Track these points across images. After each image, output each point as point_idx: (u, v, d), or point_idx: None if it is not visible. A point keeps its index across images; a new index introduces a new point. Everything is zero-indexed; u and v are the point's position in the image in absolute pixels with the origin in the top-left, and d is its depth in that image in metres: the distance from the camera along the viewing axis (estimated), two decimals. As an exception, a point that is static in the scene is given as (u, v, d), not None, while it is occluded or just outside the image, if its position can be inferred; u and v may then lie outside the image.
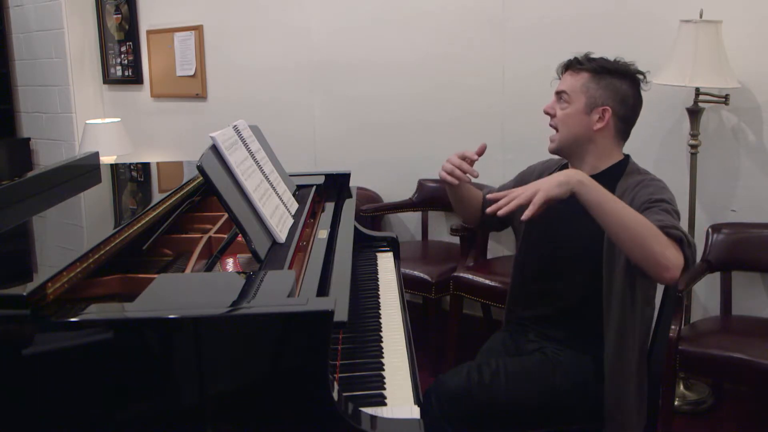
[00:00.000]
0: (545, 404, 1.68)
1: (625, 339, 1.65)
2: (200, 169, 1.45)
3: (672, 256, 1.48)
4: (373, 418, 1.20)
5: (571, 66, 1.75)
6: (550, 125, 1.78)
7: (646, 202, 1.60)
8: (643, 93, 1.75)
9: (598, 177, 1.66)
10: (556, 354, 1.74)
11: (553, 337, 1.77)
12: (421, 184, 3.51)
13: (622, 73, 1.71)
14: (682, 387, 2.69)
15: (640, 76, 1.74)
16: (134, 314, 1.14)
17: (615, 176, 1.71)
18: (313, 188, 2.12)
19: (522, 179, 1.94)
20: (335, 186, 2.26)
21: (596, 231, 1.58)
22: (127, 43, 4.53)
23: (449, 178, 1.79)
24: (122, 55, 4.57)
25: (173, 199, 1.82)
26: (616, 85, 1.70)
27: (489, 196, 1.65)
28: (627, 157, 1.78)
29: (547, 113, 1.78)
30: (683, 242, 1.50)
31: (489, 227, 2.18)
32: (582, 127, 1.71)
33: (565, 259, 1.76)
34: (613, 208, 1.50)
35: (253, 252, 1.44)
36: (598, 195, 1.50)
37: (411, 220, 3.64)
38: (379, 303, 1.84)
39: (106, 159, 3.92)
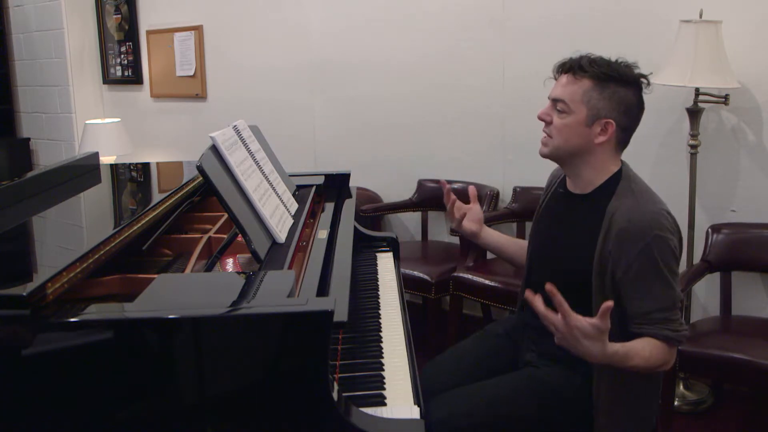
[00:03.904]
0: (531, 422, 1.64)
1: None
2: (200, 169, 1.45)
3: (669, 366, 1.55)
4: (373, 418, 1.20)
5: (572, 70, 1.58)
6: (545, 131, 1.64)
7: (638, 272, 1.51)
8: (644, 95, 1.69)
9: (593, 194, 1.63)
10: (545, 371, 1.68)
11: (546, 351, 1.69)
12: (421, 184, 3.51)
13: (626, 81, 1.56)
14: (682, 387, 2.69)
15: (644, 81, 1.59)
16: (134, 314, 1.14)
17: (608, 194, 1.59)
18: (313, 188, 2.12)
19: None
20: (335, 186, 2.26)
21: (587, 256, 1.57)
22: (127, 43, 4.52)
23: (472, 227, 1.85)
24: (122, 55, 4.57)
25: (173, 199, 1.82)
26: (620, 95, 1.56)
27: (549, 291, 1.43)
28: (620, 168, 1.64)
29: (541, 119, 1.63)
30: (684, 341, 1.55)
31: None
32: (581, 139, 1.58)
33: (559, 274, 1.66)
34: (628, 368, 1.48)
35: (253, 252, 1.43)
36: (615, 365, 1.48)
37: (411, 220, 3.64)
38: (379, 303, 1.84)
39: (106, 159, 3.92)
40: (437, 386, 1.70)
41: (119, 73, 4.62)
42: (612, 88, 1.56)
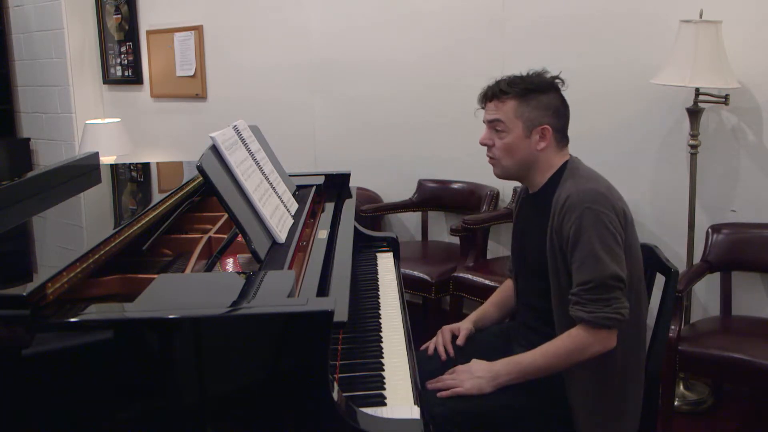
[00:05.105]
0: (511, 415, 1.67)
1: None
2: (200, 169, 1.45)
3: (598, 349, 1.57)
4: (373, 418, 1.20)
5: (496, 96, 1.70)
6: (489, 156, 1.74)
7: (573, 245, 1.58)
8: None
9: (543, 188, 1.73)
10: None
11: (535, 346, 1.70)
12: (421, 184, 3.51)
13: (545, 88, 1.69)
14: (682, 387, 2.69)
15: (560, 82, 1.72)
16: (134, 314, 1.14)
17: (555, 185, 1.69)
18: (313, 188, 2.13)
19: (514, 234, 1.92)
20: (335, 186, 2.27)
21: (543, 241, 1.64)
22: (127, 43, 4.53)
23: (440, 349, 1.85)
24: (122, 55, 4.57)
25: (173, 199, 1.82)
26: (545, 101, 1.68)
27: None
28: (566, 161, 1.73)
29: (484, 144, 1.74)
30: (610, 323, 1.55)
31: None
32: (525, 151, 1.69)
33: (529, 269, 1.77)
34: (536, 370, 1.61)
35: (253, 252, 1.44)
36: (518, 375, 1.62)
37: (411, 220, 3.64)
38: (379, 303, 1.84)
39: (106, 159, 3.92)
40: (429, 369, 1.73)
41: (119, 73, 4.62)
42: (536, 98, 1.68)
